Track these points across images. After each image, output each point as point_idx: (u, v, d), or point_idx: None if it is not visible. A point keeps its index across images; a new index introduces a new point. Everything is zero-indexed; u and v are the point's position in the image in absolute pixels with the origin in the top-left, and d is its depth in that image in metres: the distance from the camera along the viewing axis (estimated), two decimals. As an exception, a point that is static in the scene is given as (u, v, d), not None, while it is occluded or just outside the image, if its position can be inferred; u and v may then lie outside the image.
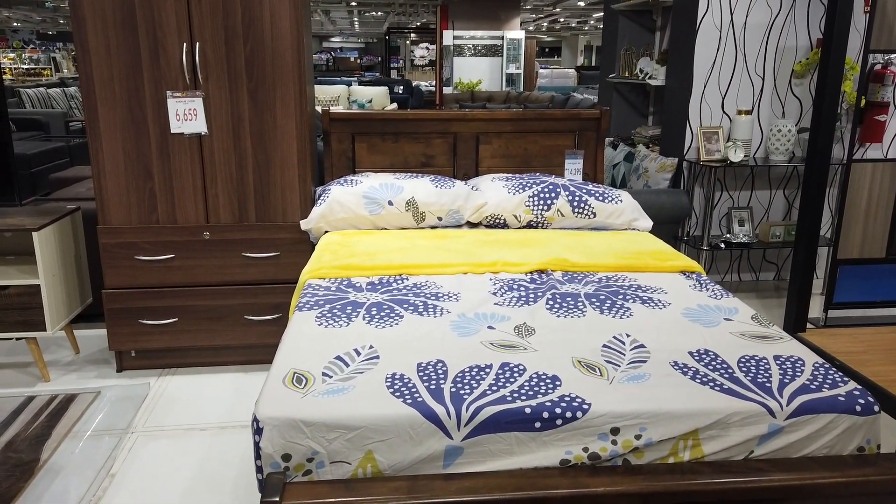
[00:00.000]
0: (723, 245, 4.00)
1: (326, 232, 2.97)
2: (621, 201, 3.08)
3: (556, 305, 2.15)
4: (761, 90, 3.99)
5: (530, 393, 1.61)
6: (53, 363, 3.21)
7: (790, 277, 3.39)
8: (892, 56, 3.40)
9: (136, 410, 2.81)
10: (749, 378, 1.70)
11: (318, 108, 3.78)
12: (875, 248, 3.58)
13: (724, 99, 3.98)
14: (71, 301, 3.15)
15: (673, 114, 4.17)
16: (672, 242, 3.96)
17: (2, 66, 2.98)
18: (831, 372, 1.73)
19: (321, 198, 3.02)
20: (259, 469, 1.54)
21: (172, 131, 2.86)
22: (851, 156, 3.44)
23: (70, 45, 16.53)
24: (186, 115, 2.84)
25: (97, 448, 2.54)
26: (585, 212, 3.02)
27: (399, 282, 2.37)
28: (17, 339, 3.04)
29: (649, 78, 4.54)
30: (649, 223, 3.11)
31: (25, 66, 14.52)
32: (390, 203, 2.95)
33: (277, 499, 1.41)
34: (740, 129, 3.91)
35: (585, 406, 1.56)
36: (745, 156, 3.87)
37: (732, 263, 4.33)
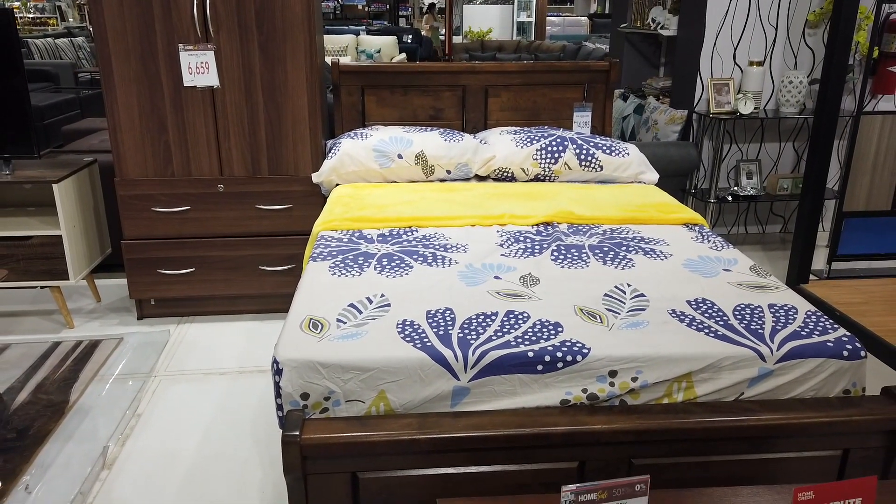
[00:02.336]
0: (730, 198, 4.03)
1: (337, 185, 3.02)
2: (628, 154, 3.11)
3: (561, 256, 2.22)
4: (774, 41, 3.95)
5: (533, 338, 1.69)
6: (76, 311, 3.33)
7: (795, 229, 3.43)
8: (908, 5, 3.35)
9: (158, 356, 2.94)
10: (743, 325, 1.77)
11: (328, 60, 3.78)
12: (881, 200, 3.59)
13: (735, 50, 3.95)
14: (91, 251, 3.26)
15: (684, 65, 4.14)
16: (680, 195, 3.99)
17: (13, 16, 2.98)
18: (822, 319, 1.80)
19: (332, 151, 3.06)
20: (279, 407, 1.65)
21: (185, 84, 2.90)
22: (862, 107, 3.43)
23: (75, -7, 16.25)
24: (199, 68, 2.88)
25: (123, 390, 2.68)
26: (592, 165, 3.06)
27: (409, 234, 2.44)
28: (42, 287, 3.16)
29: (661, 28, 4.49)
30: (655, 176, 3.14)
31: (31, 16, 14.36)
32: (400, 156, 3.00)
33: (297, 433, 1.51)
34: (751, 80, 3.89)
35: (585, 350, 1.65)
36: (755, 108, 3.85)
37: (739, 216, 4.36)
